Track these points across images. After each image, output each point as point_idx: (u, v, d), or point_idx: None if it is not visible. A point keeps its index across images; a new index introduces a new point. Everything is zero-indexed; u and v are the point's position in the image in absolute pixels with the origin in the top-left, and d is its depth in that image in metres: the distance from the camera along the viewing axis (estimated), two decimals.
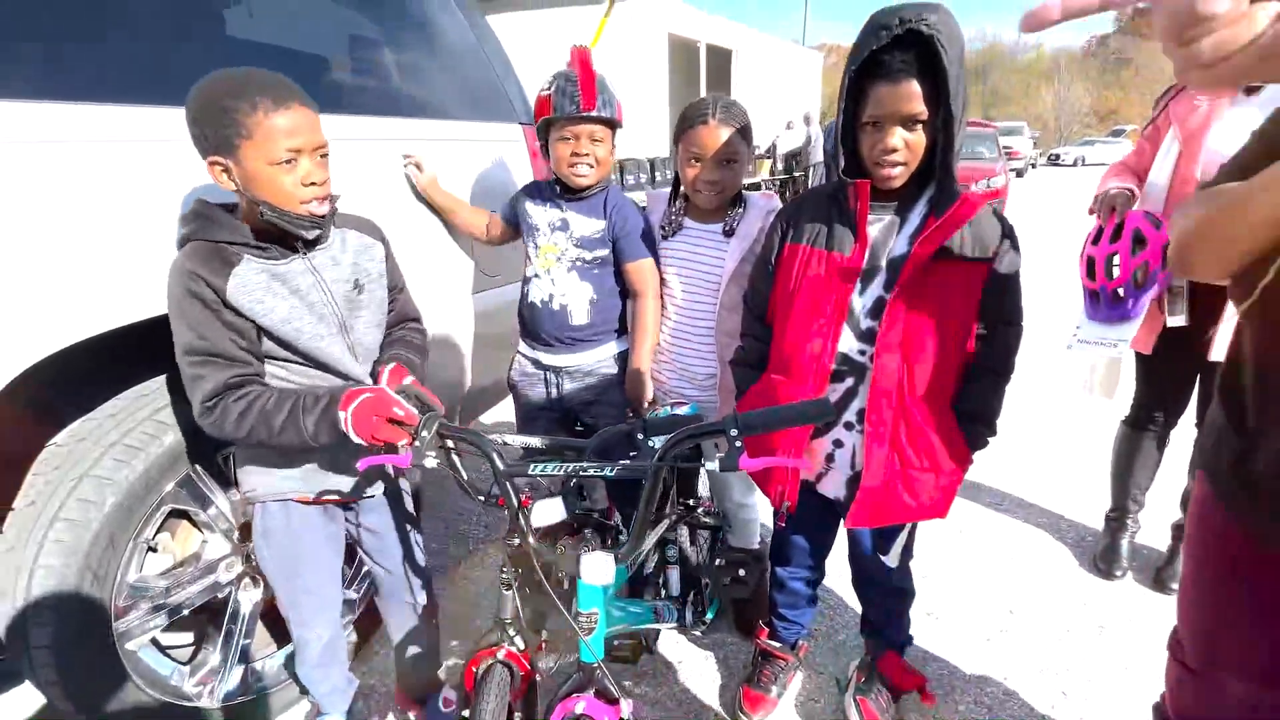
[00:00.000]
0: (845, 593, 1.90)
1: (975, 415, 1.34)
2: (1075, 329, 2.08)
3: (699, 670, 1.94)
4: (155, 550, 1.49)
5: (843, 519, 1.45)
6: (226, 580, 1.58)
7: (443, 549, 2.56)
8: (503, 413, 3.10)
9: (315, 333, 1.28)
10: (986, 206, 1.27)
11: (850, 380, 1.35)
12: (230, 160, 1.14)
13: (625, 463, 1.14)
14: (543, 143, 1.76)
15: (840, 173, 1.29)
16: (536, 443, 1.39)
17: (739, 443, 1.03)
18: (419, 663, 1.69)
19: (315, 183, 1.19)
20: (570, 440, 1.49)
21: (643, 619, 1.54)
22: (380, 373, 1.36)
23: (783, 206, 1.50)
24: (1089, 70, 60.14)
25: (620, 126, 1.73)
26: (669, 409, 1.55)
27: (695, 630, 1.90)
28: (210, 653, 1.59)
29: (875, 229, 1.31)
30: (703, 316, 1.77)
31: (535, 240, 1.80)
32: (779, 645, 1.79)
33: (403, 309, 1.52)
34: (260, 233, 1.22)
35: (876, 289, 1.30)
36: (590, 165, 1.69)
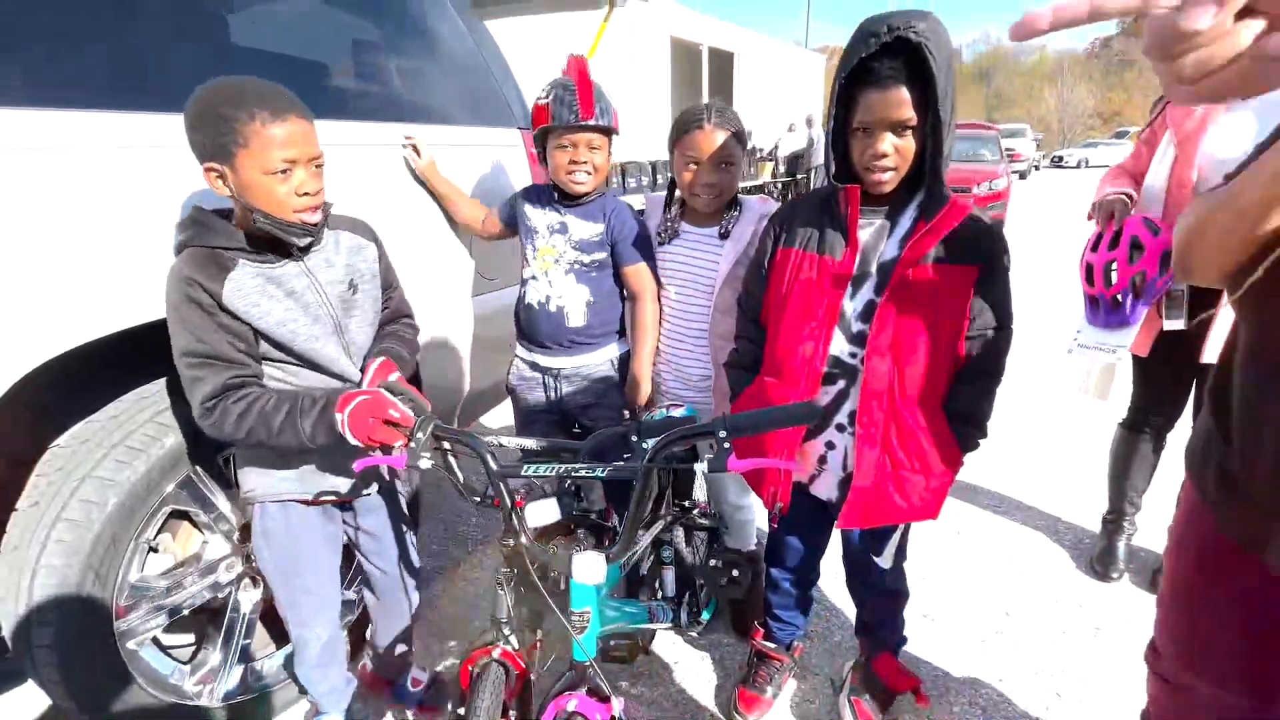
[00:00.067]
0: (840, 594, 1.91)
1: (966, 417, 1.35)
2: (1076, 333, 2.09)
3: (695, 671, 1.95)
4: (156, 550, 1.51)
5: (835, 520, 1.46)
6: (226, 580, 1.60)
7: (442, 550, 2.57)
8: (504, 416, 3.12)
9: (311, 334, 1.29)
10: (976, 210, 1.28)
11: (842, 383, 1.36)
12: (226, 167, 1.16)
13: (616, 464, 1.16)
14: (540, 149, 1.77)
15: (831, 178, 1.30)
16: (532, 444, 1.41)
17: (727, 444, 1.04)
18: (395, 649, 1.75)
19: (309, 193, 1.21)
20: (565, 442, 1.51)
21: (638, 619, 1.55)
22: (368, 366, 1.38)
23: (775, 211, 1.52)
24: (1092, 72, 60.01)
25: (617, 134, 1.75)
26: (665, 411, 1.57)
27: (691, 631, 1.92)
28: (210, 652, 1.61)
29: (866, 233, 1.32)
30: (698, 319, 1.79)
31: (533, 242, 1.81)
32: (774, 646, 1.80)
33: (396, 306, 1.54)
34: (255, 238, 1.24)
35: (867, 292, 1.32)
36: (588, 173, 1.71)
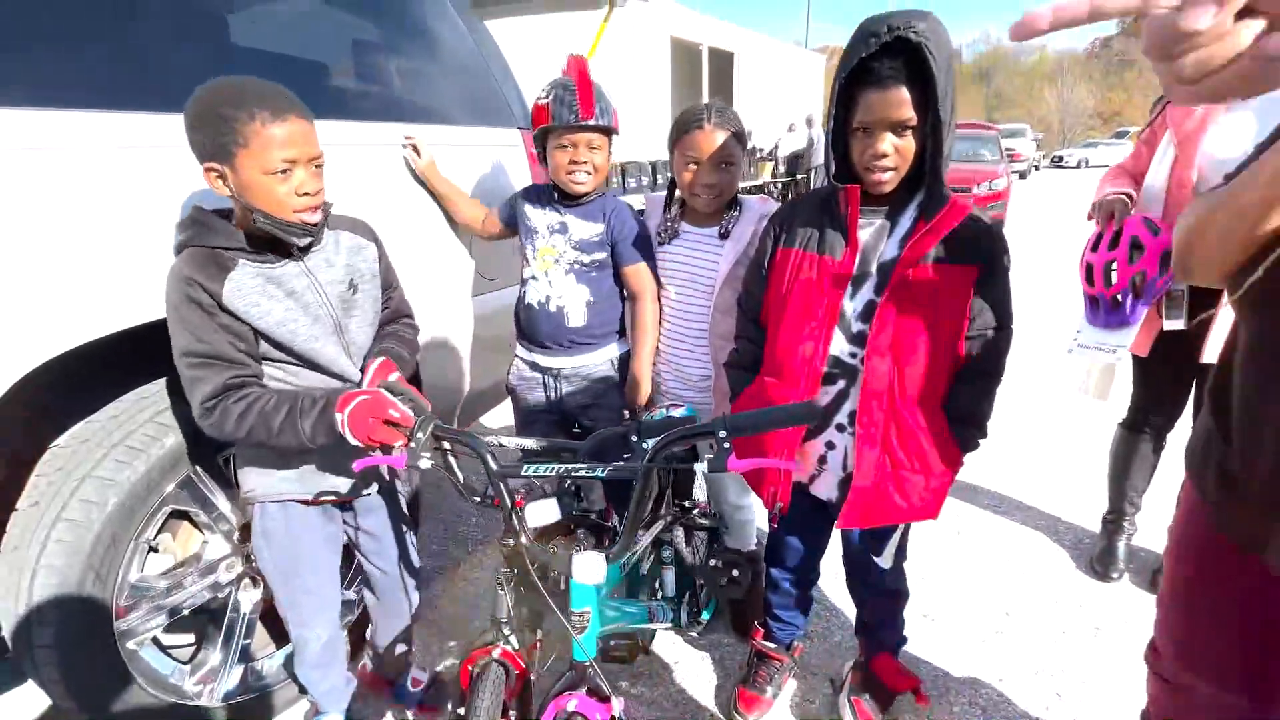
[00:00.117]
0: (840, 594, 1.91)
1: (966, 417, 1.34)
2: (1076, 333, 2.09)
3: (695, 671, 1.95)
4: (156, 550, 1.51)
5: (835, 520, 1.46)
6: (226, 580, 1.60)
7: (442, 550, 2.57)
8: (504, 417, 3.12)
9: (310, 334, 1.29)
10: (975, 210, 1.28)
11: (842, 383, 1.36)
12: (226, 167, 1.16)
13: (616, 464, 1.16)
14: (540, 150, 1.77)
15: (831, 178, 1.30)
16: (531, 444, 1.41)
17: (727, 444, 1.04)
18: (395, 649, 1.75)
19: (308, 193, 1.21)
20: (565, 442, 1.51)
21: (638, 619, 1.55)
22: (368, 366, 1.38)
23: (775, 211, 1.52)
24: (1092, 72, 59.99)
25: (617, 134, 1.75)
26: (665, 411, 1.57)
27: (691, 631, 1.92)
28: (210, 652, 1.61)
29: (866, 233, 1.32)
30: (698, 319, 1.79)
31: (534, 242, 1.81)
32: (774, 646, 1.80)
33: (397, 306, 1.55)
34: (255, 238, 1.24)
35: (867, 292, 1.32)
36: (588, 172, 1.71)
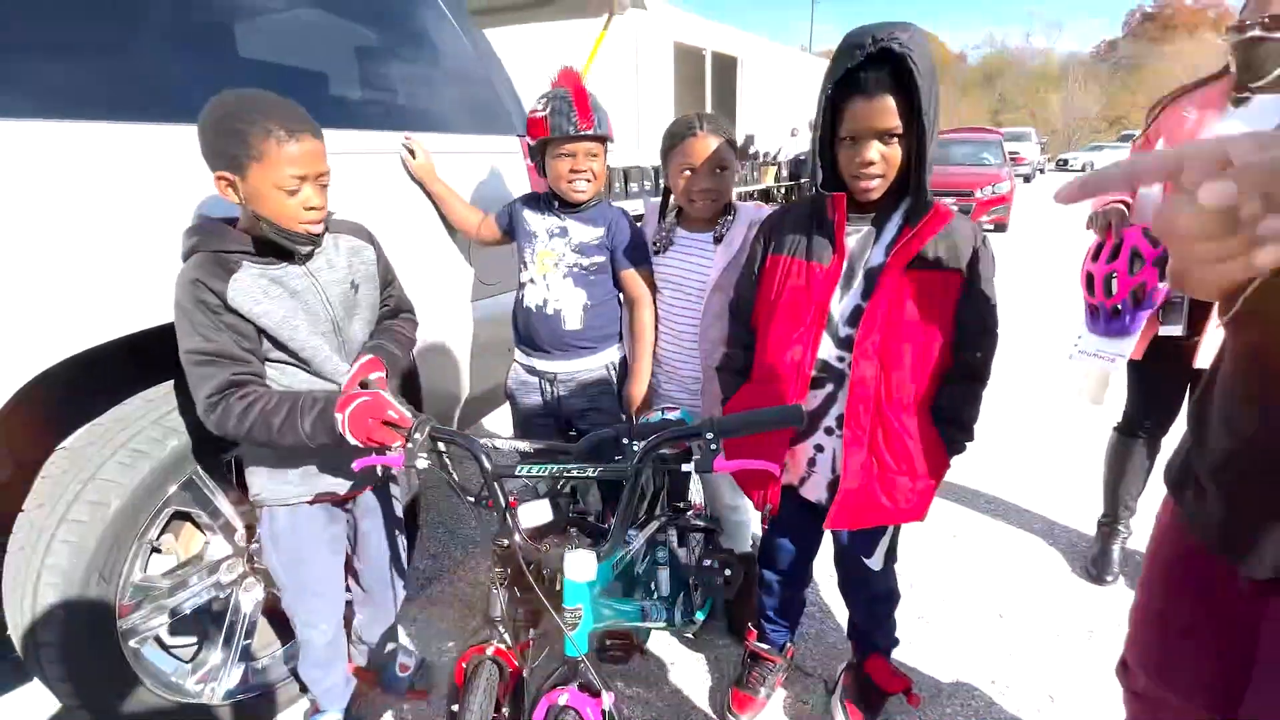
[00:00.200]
0: (834, 596, 1.93)
1: (952, 420, 1.37)
2: (1076, 339, 2.11)
3: (690, 671, 1.97)
4: (159, 551, 1.54)
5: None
6: (228, 581, 1.63)
7: (442, 551, 2.60)
8: (505, 420, 3.14)
9: (310, 332, 1.33)
10: (960, 216, 1.31)
11: (830, 386, 1.39)
12: (237, 177, 1.20)
13: (607, 465, 1.18)
14: (538, 160, 1.81)
15: (818, 187, 1.33)
16: (526, 446, 1.43)
17: (714, 445, 1.07)
18: (383, 643, 1.79)
19: (314, 207, 1.26)
20: (560, 444, 1.53)
21: (631, 617, 1.57)
22: (357, 360, 1.41)
23: (765, 218, 1.55)
24: (1098, 76, 59.86)
25: (613, 141, 1.78)
26: (661, 413, 1.60)
27: (686, 631, 1.94)
28: (212, 651, 1.64)
29: (853, 240, 1.35)
30: (693, 323, 1.81)
31: (533, 246, 1.84)
32: (767, 647, 1.82)
33: (397, 302, 1.60)
34: (260, 242, 1.29)
35: (854, 298, 1.34)
36: (588, 180, 1.75)
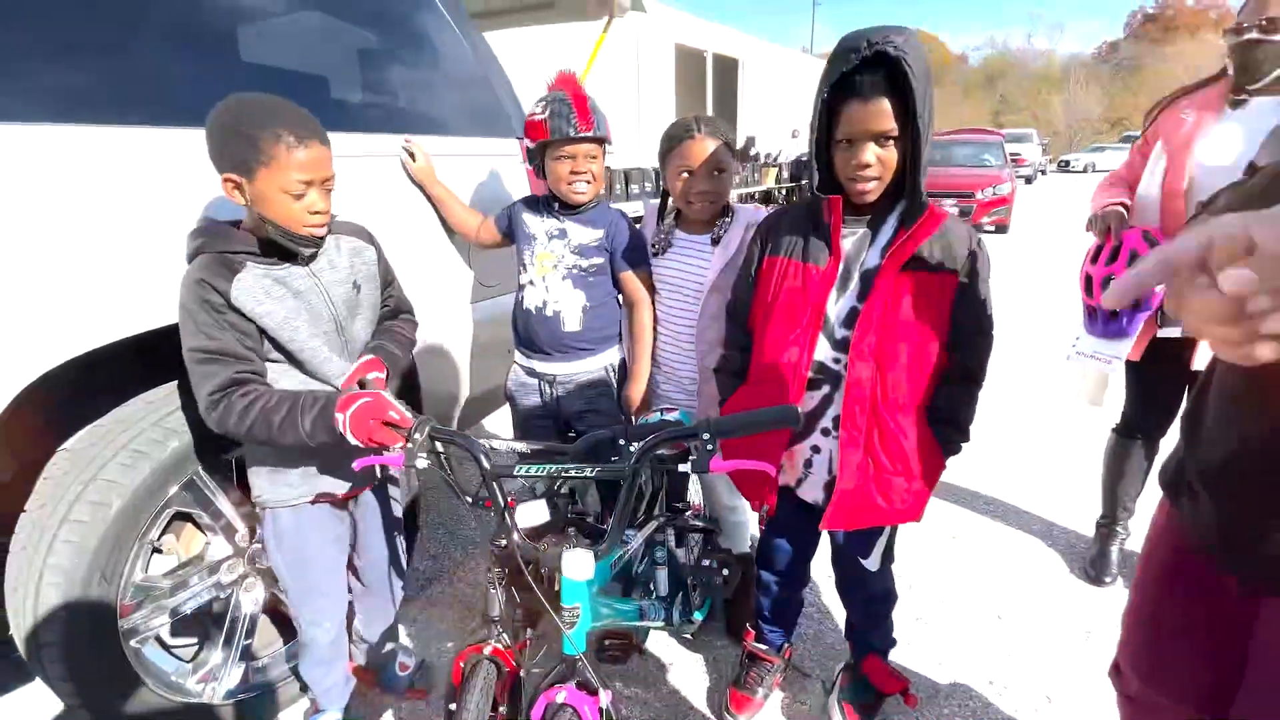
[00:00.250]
0: (832, 597, 1.94)
1: (948, 421, 1.37)
2: (1074, 340, 2.11)
3: (688, 672, 1.98)
4: (160, 551, 1.55)
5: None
6: (229, 581, 1.64)
7: (442, 551, 2.61)
8: (505, 421, 3.15)
9: (311, 332, 1.35)
10: (954, 217, 1.32)
11: (826, 388, 1.40)
12: (245, 180, 1.22)
13: (604, 465, 1.19)
14: (537, 163, 1.82)
15: (814, 189, 1.34)
16: (524, 447, 1.44)
17: (710, 446, 1.08)
18: (382, 642, 1.80)
19: (319, 211, 1.28)
20: (559, 445, 1.54)
21: (629, 617, 1.58)
22: (357, 360, 1.43)
23: (762, 220, 1.56)
24: (1099, 77, 59.79)
25: (611, 143, 1.79)
26: (660, 414, 1.60)
27: (684, 631, 1.94)
28: (212, 651, 1.65)
29: (849, 242, 1.35)
30: (691, 324, 1.82)
31: (532, 248, 1.85)
32: (765, 648, 1.82)
33: (397, 302, 1.61)
34: (264, 243, 1.30)
35: (850, 299, 1.35)
36: (588, 181, 1.76)
